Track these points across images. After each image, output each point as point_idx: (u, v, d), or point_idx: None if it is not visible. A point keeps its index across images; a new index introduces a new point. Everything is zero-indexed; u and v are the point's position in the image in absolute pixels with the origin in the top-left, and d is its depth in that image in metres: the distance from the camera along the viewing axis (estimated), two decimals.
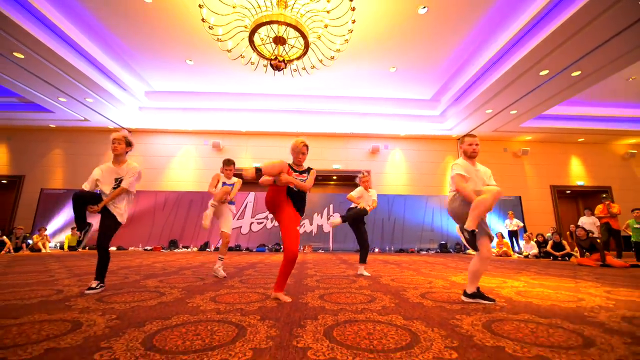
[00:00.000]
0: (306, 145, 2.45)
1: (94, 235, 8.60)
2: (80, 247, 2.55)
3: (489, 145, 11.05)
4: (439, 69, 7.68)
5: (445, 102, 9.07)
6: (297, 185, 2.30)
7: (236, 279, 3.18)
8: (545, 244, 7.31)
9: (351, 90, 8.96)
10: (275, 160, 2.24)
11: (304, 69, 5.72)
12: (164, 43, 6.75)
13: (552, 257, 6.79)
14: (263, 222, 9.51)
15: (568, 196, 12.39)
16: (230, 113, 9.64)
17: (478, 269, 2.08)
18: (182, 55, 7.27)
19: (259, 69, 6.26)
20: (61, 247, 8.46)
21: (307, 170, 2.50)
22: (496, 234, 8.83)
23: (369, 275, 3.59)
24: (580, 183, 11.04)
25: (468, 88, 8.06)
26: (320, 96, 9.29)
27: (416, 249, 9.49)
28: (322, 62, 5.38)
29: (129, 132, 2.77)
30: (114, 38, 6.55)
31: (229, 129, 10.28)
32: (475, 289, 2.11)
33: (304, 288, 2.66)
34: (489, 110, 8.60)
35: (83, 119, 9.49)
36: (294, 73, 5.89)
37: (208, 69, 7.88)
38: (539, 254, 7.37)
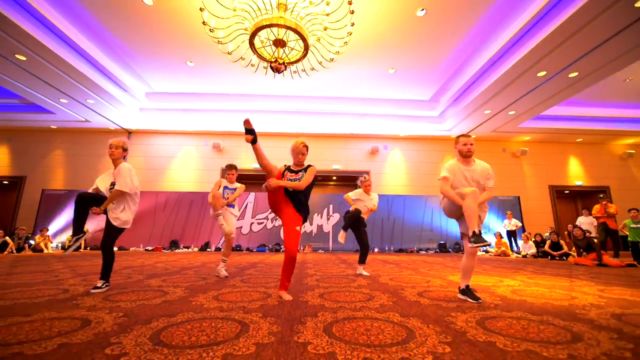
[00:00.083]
0: (306, 145, 2.50)
1: (94, 235, 8.62)
2: (66, 252, 2.64)
3: (487, 145, 11.12)
4: (437, 70, 7.74)
5: (444, 103, 9.14)
6: (288, 186, 2.30)
7: (237, 279, 3.24)
8: (543, 243, 7.37)
9: (350, 91, 9.02)
10: (271, 164, 2.35)
11: (304, 71, 5.77)
12: (164, 45, 6.80)
13: (550, 257, 6.86)
14: (263, 223, 9.57)
15: (567, 196, 12.45)
16: (230, 114, 9.70)
17: (466, 265, 2.16)
18: (183, 57, 7.33)
19: (259, 70, 6.32)
20: (62, 248, 8.52)
21: (305, 168, 2.49)
22: (495, 233, 8.91)
23: (368, 274, 3.65)
24: (579, 183, 11.11)
25: (467, 89, 8.12)
26: (320, 97, 9.35)
27: (415, 248, 9.55)
28: (322, 64, 5.45)
29: (127, 139, 2.80)
30: (115, 40, 6.60)
31: (230, 129, 10.34)
32: (465, 286, 2.18)
33: (304, 287, 2.72)
34: (487, 111, 8.67)
35: (84, 120, 9.54)
36: (293, 75, 5.95)
37: (208, 71, 7.94)
38: (537, 254, 7.44)
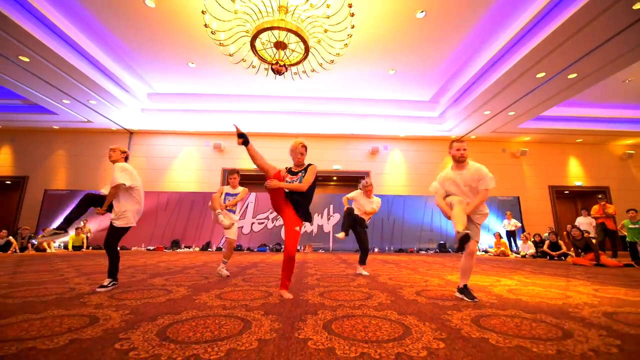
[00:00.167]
0: (304, 145, 2.54)
1: (96, 235, 8.67)
2: (39, 238, 2.83)
3: (487, 146, 11.16)
4: (437, 71, 7.79)
5: (444, 104, 9.18)
6: (289, 188, 2.32)
7: (239, 278, 3.29)
8: (542, 243, 7.41)
9: (351, 92, 9.08)
10: (268, 163, 2.38)
11: (304, 72, 5.82)
12: (166, 46, 6.87)
13: (549, 257, 6.90)
14: (264, 223, 9.63)
15: (566, 196, 12.49)
16: (231, 114, 9.76)
17: (464, 265, 2.22)
18: (184, 58, 7.39)
19: (260, 71, 6.38)
20: (65, 247, 8.59)
21: (305, 168, 2.49)
22: (494, 234, 8.96)
23: (368, 274, 3.70)
24: (579, 183, 11.14)
25: (466, 90, 8.17)
26: (320, 98, 9.41)
27: (415, 248, 9.60)
28: (322, 66, 5.50)
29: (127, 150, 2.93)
30: (117, 41, 6.67)
31: (231, 130, 10.39)
32: (463, 285, 2.24)
33: (304, 286, 2.78)
34: (487, 112, 8.71)
35: (86, 120, 9.61)
36: (294, 76, 6.00)
37: (209, 72, 8.00)
38: (536, 254, 7.48)
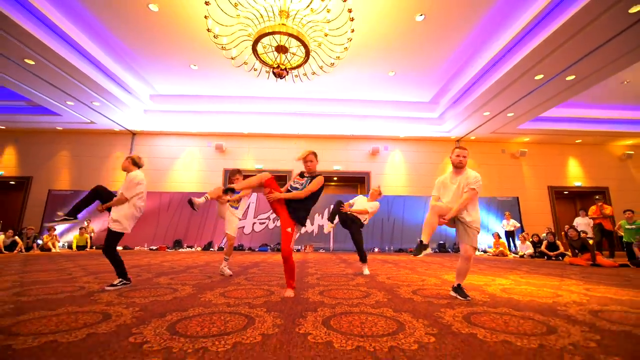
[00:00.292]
0: (313, 153, 2.63)
1: (98, 235, 8.78)
2: (48, 223, 2.92)
3: (487, 146, 11.23)
4: (436, 73, 7.87)
5: (444, 105, 9.26)
6: (287, 197, 2.39)
7: (242, 277, 3.39)
8: (541, 244, 7.49)
9: (351, 93, 9.17)
10: (254, 177, 2.43)
11: (305, 75, 5.92)
12: (169, 49, 6.97)
13: (547, 257, 6.98)
14: (265, 223, 9.73)
15: (566, 197, 12.54)
16: (233, 115, 9.86)
17: (460, 267, 2.32)
18: (187, 61, 7.49)
19: (261, 74, 6.48)
20: (69, 247, 8.71)
21: (312, 177, 2.57)
22: (493, 234, 9.04)
23: (368, 273, 3.79)
24: (578, 184, 11.20)
25: (465, 91, 8.24)
26: (321, 99, 9.50)
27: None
28: (323, 69, 5.58)
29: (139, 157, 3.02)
30: (121, 44, 6.77)
31: (232, 131, 10.51)
32: (457, 284, 2.34)
33: (305, 285, 2.87)
34: (486, 113, 8.78)
35: (89, 121, 9.72)
36: (295, 79, 6.09)
37: (211, 74, 8.10)
38: (534, 254, 7.56)
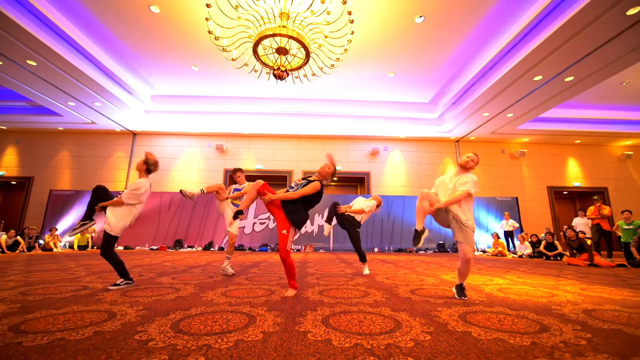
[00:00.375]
0: (328, 165, 2.76)
1: (99, 235, 8.86)
2: (70, 234, 3.00)
3: (486, 147, 11.27)
4: (436, 74, 7.91)
5: (443, 106, 9.30)
6: (280, 198, 2.47)
7: (242, 277, 3.44)
8: (539, 244, 7.53)
9: (351, 94, 9.21)
10: (250, 190, 2.56)
11: (305, 76, 5.96)
12: (170, 50, 7.02)
13: (545, 257, 7.02)
14: (265, 223, 9.77)
15: (565, 197, 12.58)
16: (233, 116, 9.91)
17: (459, 268, 2.37)
18: (188, 62, 7.54)
19: (262, 75, 6.53)
20: (71, 247, 8.76)
21: (309, 181, 2.63)
22: (492, 234, 9.08)
23: (368, 273, 3.83)
24: (577, 184, 11.24)
25: (465, 92, 8.29)
26: (321, 100, 9.55)
27: (415, 248, 9.73)
28: (323, 70, 5.63)
29: (153, 159, 3.07)
30: (122, 45, 6.82)
31: (232, 131, 10.55)
32: (459, 283, 2.39)
33: (305, 284, 2.92)
34: (485, 114, 8.82)
35: (90, 122, 9.78)
36: (295, 80, 6.14)
37: (212, 74, 8.15)
38: (532, 254, 7.60)
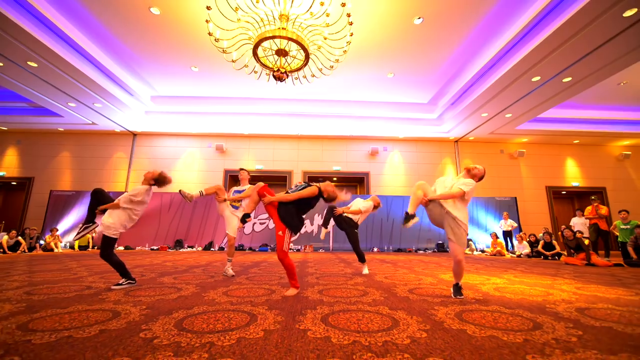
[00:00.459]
0: (331, 191, 2.69)
1: (100, 235, 8.90)
2: (74, 238, 3.02)
3: (485, 147, 11.32)
4: (435, 75, 7.95)
5: (442, 106, 9.35)
6: (277, 200, 2.52)
7: (243, 277, 3.48)
8: (537, 243, 7.58)
9: (351, 95, 9.25)
10: (252, 194, 2.65)
11: (305, 77, 6.00)
12: (170, 51, 7.06)
13: (543, 257, 7.07)
14: (265, 223, 9.82)
15: (563, 197, 12.64)
16: (233, 116, 9.95)
17: (453, 268, 2.41)
18: (188, 63, 7.58)
19: (261, 76, 6.56)
20: (71, 247, 8.80)
21: (308, 184, 2.66)
22: (491, 234, 9.13)
23: (367, 272, 3.87)
24: (576, 184, 11.29)
25: (463, 93, 8.34)
26: (321, 100, 9.59)
27: (414, 248, 9.78)
28: (322, 71, 5.67)
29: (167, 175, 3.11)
30: (123, 46, 6.86)
31: (232, 131, 10.60)
32: (456, 283, 2.43)
33: (305, 284, 2.96)
34: (484, 114, 8.87)
35: (91, 122, 9.81)
36: (295, 81, 6.18)
37: (212, 75, 8.19)
38: (531, 254, 7.65)
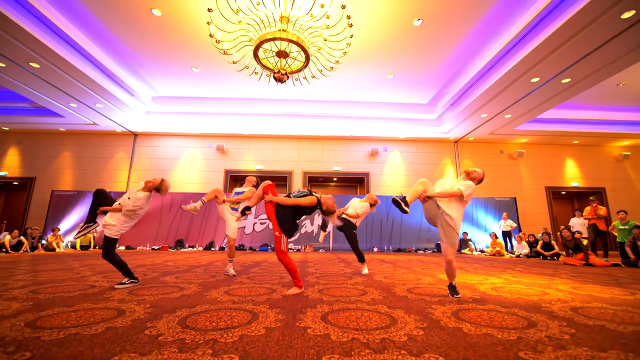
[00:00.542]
0: (331, 205, 2.72)
1: (101, 235, 8.94)
2: (74, 236, 3.04)
3: (485, 147, 11.36)
4: (434, 76, 7.99)
5: (442, 107, 9.38)
6: (276, 201, 2.57)
7: (244, 276, 3.53)
8: (537, 244, 7.62)
9: (351, 95, 9.29)
10: (258, 190, 2.70)
11: (305, 78, 6.04)
12: (171, 52, 7.10)
13: (542, 257, 7.11)
14: (266, 223, 9.86)
15: (563, 197, 12.67)
16: (234, 117, 10.00)
17: (445, 268, 2.46)
18: (189, 64, 7.62)
19: (262, 77, 6.61)
20: (73, 247, 8.85)
21: (310, 193, 2.69)
22: (490, 234, 9.17)
23: (367, 272, 3.92)
24: (575, 184, 11.33)
25: (463, 94, 8.37)
26: (321, 101, 9.63)
27: (414, 248, 9.82)
28: (322, 73, 5.71)
29: (166, 183, 3.13)
30: (124, 47, 6.90)
31: (233, 132, 10.64)
32: (449, 283, 2.48)
33: (305, 284, 3.00)
34: (484, 115, 8.91)
35: (92, 123, 9.86)
36: (295, 82, 6.22)
37: (213, 76, 8.23)
38: (530, 254, 7.69)
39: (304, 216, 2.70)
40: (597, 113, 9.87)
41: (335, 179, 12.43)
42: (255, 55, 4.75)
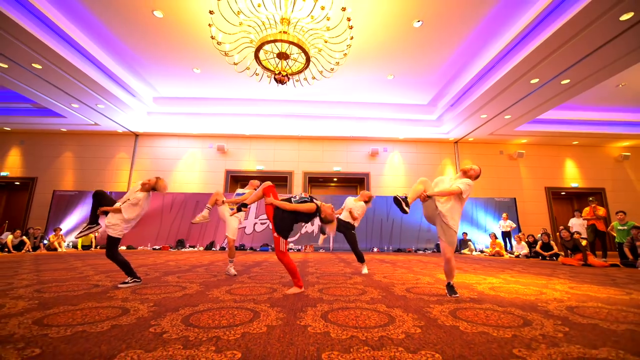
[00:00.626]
0: (330, 214, 2.73)
1: (103, 234, 8.99)
2: (75, 235, 3.09)
3: (485, 148, 11.39)
4: (434, 77, 8.03)
5: (442, 108, 9.42)
6: (275, 204, 2.60)
7: (245, 276, 3.57)
8: (536, 244, 7.65)
9: (351, 96, 9.33)
10: (258, 189, 2.75)
11: (305, 80, 6.08)
12: (172, 53, 7.14)
13: (541, 257, 7.14)
14: (266, 223, 9.90)
15: (562, 198, 12.70)
16: (234, 117, 10.04)
17: (444, 268, 2.50)
18: (190, 65, 7.66)
19: (263, 78, 6.65)
20: (75, 247, 8.90)
21: (311, 199, 2.72)
22: (490, 234, 9.21)
23: (367, 272, 3.95)
24: (575, 185, 11.35)
25: (463, 94, 8.41)
26: (321, 101, 9.67)
27: (414, 248, 9.86)
28: (323, 74, 5.75)
29: (164, 184, 3.14)
30: (126, 49, 6.95)
31: (233, 132, 10.68)
32: (447, 282, 2.51)
33: (305, 283, 3.04)
34: (483, 115, 8.94)
35: (93, 123, 9.91)
36: (296, 83, 6.26)
37: (214, 77, 8.27)
38: (529, 254, 7.72)
39: (304, 222, 2.73)
40: (597, 114, 9.89)
41: (335, 180, 12.46)
42: (256, 57, 4.79)
